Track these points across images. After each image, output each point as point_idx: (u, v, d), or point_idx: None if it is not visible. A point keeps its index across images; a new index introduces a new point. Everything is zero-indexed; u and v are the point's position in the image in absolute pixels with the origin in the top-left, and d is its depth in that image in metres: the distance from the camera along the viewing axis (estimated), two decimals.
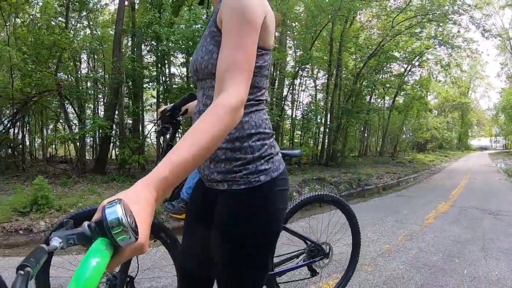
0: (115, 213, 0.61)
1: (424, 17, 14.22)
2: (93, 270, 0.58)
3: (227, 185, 1.09)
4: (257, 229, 1.08)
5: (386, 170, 13.37)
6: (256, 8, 0.97)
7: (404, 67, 18.68)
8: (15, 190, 6.43)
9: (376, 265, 3.37)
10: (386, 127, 19.61)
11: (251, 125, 1.08)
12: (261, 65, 1.08)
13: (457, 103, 32.00)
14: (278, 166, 1.11)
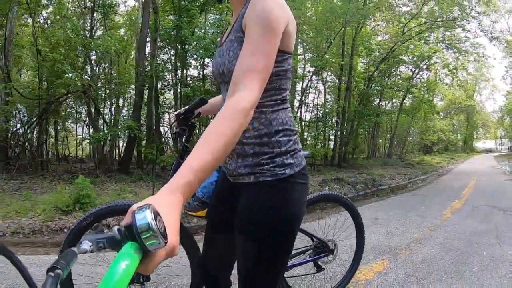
0: (145, 219, 0.64)
1: (434, 23, 15.09)
2: (122, 273, 0.61)
3: (254, 177, 1.20)
4: (282, 217, 1.19)
5: (396, 171, 14.15)
6: (280, 18, 1.07)
7: (412, 71, 19.57)
8: (50, 189, 6.88)
9: (411, 249, 4.17)
10: (395, 129, 20.44)
11: (279, 122, 1.20)
12: (286, 68, 1.20)
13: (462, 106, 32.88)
14: (300, 162, 1.24)
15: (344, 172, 12.35)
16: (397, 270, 3.47)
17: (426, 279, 3.26)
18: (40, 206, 5.60)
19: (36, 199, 6.07)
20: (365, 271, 3.45)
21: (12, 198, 6.14)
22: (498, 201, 7.81)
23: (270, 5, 1.06)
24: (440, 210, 6.59)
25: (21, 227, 4.99)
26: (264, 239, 1.19)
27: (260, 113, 1.19)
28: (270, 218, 1.18)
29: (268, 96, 1.18)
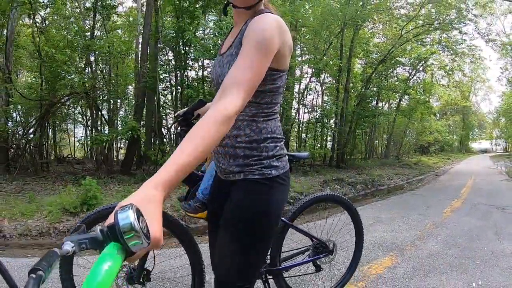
0: (128, 218, 0.64)
1: (431, 25, 15.45)
2: (105, 274, 0.62)
3: (243, 174, 1.36)
4: (266, 210, 1.35)
5: (394, 172, 14.42)
6: (274, 40, 1.17)
7: (409, 72, 19.94)
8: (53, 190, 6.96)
9: (416, 246, 4.41)
10: (392, 130, 20.78)
11: (268, 130, 1.36)
12: (279, 85, 1.34)
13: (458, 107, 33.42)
14: (285, 165, 1.41)
15: (343, 172, 12.60)
16: (404, 265, 3.71)
17: (433, 272, 3.50)
18: (46, 207, 5.64)
19: (40, 200, 6.14)
20: (375, 266, 3.69)
21: (15, 199, 6.20)
22: (496, 199, 8.11)
23: (267, 27, 1.17)
24: (440, 209, 6.86)
25: (28, 229, 5.02)
26: (247, 228, 1.34)
27: (252, 122, 1.33)
28: (255, 210, 1.34)
29: (261, 109, 1.33)
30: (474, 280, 3.30)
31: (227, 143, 1.38)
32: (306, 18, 12.99)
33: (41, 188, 7.39)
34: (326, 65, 12.75)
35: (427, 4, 15.47)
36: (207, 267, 3.06)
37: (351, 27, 13.83)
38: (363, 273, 3.50)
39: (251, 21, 1.23)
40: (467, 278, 3.34)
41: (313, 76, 14.37)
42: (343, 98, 14.98)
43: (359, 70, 17.90)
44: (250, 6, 1.31)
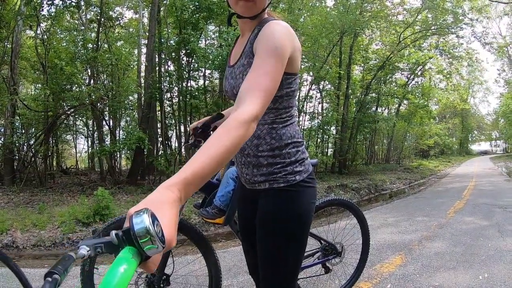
0: (143, 223, 0.65)
1: (428, 31, 15.83)
2: (120, 277, 0.62)
3: (269, 184, 1.40)
4: (296, 216, 1.38)
5: (396, 176, 14.68)
6: (286, 46, 1.21)
7: (408, 77, 20.30)
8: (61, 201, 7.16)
9: (423, 245, 4.63)
10: (392, 135, 21.05)
11: (288, 136, 1.39)
12: (295, 88, 1.37)
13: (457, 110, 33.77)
14: (307, 168, 1.44)
15: (346, 178, 12.85)
16: (414, 263, 3.93)
17: (441, 268, 3.73)
18: (57, 218, 5.85)
19: (51, 211, 6.32)
20: (387, 265, 3.91)
21: (25, 210, 6.35)
22: (498, 199, 8.36)
23: (278, 34, 1.21)
24: (444, 210, 7.10)
25: (42, 240, 5.21)
26: (283, 235, 1.39)
27: (271, 129, 1.37)
28: (286, 217, 1.38)
29: (279, 114, 1.37)
30: (480, 273, 3.52)
31: (249, 153, 1.43)
32: (305, 27, 13.28)
33: (49, 199, 7.56)
34: (327, 73, 13.04)
35: (424, 10, 15.84)
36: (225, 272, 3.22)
37: (349, 34, 14.14)
38: (376, 271, 3.71)
39: (262, 29, 1.26)
40: (473, 272, 3.56)
41: (313, 84, 14.64)
42: (344, 104, 15.25)
43: (359, 76, 18.25)
44: (255, 15, 1.34)
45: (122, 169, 13.64)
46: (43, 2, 9.64)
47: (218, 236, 5.51)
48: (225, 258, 4.24)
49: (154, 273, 2.17)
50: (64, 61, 9.12)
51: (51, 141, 10.75)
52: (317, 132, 15.15)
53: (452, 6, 15.78)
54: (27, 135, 10.39)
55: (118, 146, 9.34)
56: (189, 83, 11.28)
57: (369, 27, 15.43)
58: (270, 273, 1.45)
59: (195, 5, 10.35)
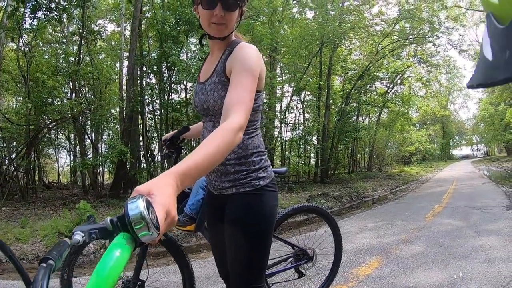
0: (137, 208, 0.65)
1: (406, 40, 16.21)
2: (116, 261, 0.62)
3: (235, 189, 1.53)
4: (261, 218, 1.53)
5: (378, 183, 14.84)
6: (257, 67, 1.38)
7: (387, 86, 20.67)
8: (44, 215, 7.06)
9: (401, 248, 4.72)
10: (373, 143, 21.33)
11: (253, 146, 1.54)
12: (259, 104, 1.54)
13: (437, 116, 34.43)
14: (270, 175, 1.58)
15: (328, 187, 12.93)
16: (390, 265, 4.00)
17: (417, 269, 3.81)
18: (40, 232, 5.73)
19: (33, 225, 6.20)
20: (363, 268, 3.97)
21: (7, 225, 6.25)
22: (476, 201, 8.56)
23: (252, 56, 1.38)
24: (423, 214, 7.22)
25: (25, 253, 5.10)
26: (248, 235, 1.51)
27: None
28: (251, 218, 1.51)
29: (246, 127, 1.38)
30: (455, 273, 3.61)
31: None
32: (285, 39, 13.46)
33: (32, 214, 7.47)
34: (307, 83, 13.20)
35: (401, 20, 16.23)
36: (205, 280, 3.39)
37: (329, 45, 14.37)
38: (352, 274, 3.77)
39: (235, 51, 1.42)
40: (449, 272, 3.65)
41: (294, 95, 14.80)
42: (324, 114, 15.42)
43: (339, 86, 18.53)
44: (224, 37, 1.49)
45: (105, 183, 13.50)
46: (26, 15, 9.62)
47: (200, 247, 5.50)
48: (206, 267, 4.26)
49: (129, 279, 2.23)
50: (46, 74, 9.09)
51: (33, 155, 10.62)
52: (299, 143, 15.26)
53: (428, 16, 16.23)
54: (9, 148, 10.26)
55: (100, 159, 9.27)
56: (170, 96, 11.30)
57: (348, 38, 15.73)
58: (239, 271, 1.56)
59: (176, 18, 10.43)
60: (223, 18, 1.43)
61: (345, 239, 3.18)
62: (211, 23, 1.44)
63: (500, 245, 4.50)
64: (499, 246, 4.46)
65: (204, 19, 1.45)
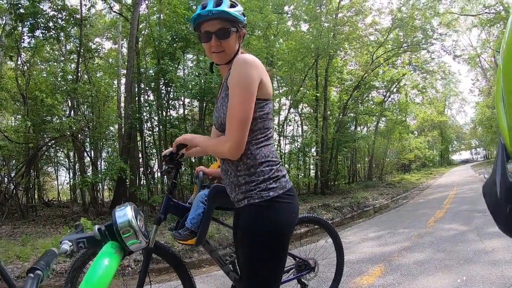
0: (125, 216, 0.64)
1: (400, 48, 16.36)
2: (105, 270, 0.62)
3: (247, 201, 1.54)
4: (269, 230, 1.50)
5: (378, 192, 14.78)
6: (253, 78, 1.47)
7: (384, 95, 20.78)
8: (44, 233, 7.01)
9: (403, 255, 4.70)
10: (372, 152, 21.33)
11: (261, 156, 1.55)
12: (267, 111, 1.57)
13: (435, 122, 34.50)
14: (284, 185, 1.56)
15: (328, 198, 12.90)
16: (393, 273, 3.98)
17: (420, 276, 3.79)
18: (41, 250, 5.71)
19: (34, 243, 6.17)
20: (366, 277, 3.94)
21: (8, 243, 6.23)
22: (478, 205, 8.50)
23: (243, 70, 1.48)
24: (424, 221, 7.20)
25: (25, 271, 5.12)
26: (256, 247, 1.52)
27: (247, 150, 1.53)
28: (259, 229, 1.50)
29: (255, 136, 1.55)
30: (459, 277, 3.60)
31: (231, 173, 1.60)
32: (281, 52, 13.57)
33: (32, 232, 7.45)
34: (304, 96, 13.27)
35: (394, 29, 16.40)
36: None
37: (324, 57, 14.49)
38: (355, 284, 3.74)
39: (232, 67, 1.55)
40: (452, 276, 3.63)
41: (292, 107, 14.86)
42: (322, 126, 15.46)
43: (336, 97, 18.62)
44: (228, 61, 1.63)
45: (105, 200, 13.48)
46: (24, 34, 9.72)
47: (201, 262, 5.46)
48: (208, 282, 4.24)
49: None
50: (45, 92, 9.15)
51: (32, 173, 10.65)
52: (298, 155, 15.26)
53: (421, 23, 16.40)
54: (8, 167, 10.27)
55: (100, 177, 9.27)
56: (168, 112, 11.35)
57: (343, 49, 15.85)
58: (248, 283, 1.56)
59: (172, 35, 10.53)
60: (220, 46, 1.58)
61: (347, 249, 3.20)
62: (212, 53, 1.62)
63: (503, 247, 4.48)
64: (502, 248, 4.44)
65: (206, 50, 1.65)
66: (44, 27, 8.96)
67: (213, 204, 2.47)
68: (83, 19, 9.75)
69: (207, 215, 2.43)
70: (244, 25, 1.65)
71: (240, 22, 1.62)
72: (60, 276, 5.05)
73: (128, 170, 9.39)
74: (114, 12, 13.81)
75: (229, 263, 2.63)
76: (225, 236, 6.05)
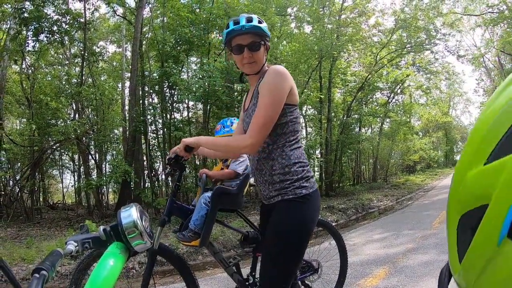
0: (130, 217, 0.65)
1: (404, 49, 16.32)
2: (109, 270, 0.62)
3: (281, 197, 1.71)
4: (300, 223, 1.69)
5: (383, 193, 14.71)
6: (284, 88, 1.67)
7: (388, 96, 20.72)
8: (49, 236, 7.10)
9: (408, 257, 4.70)
10: (377, 154, 21.24)
11: (295, 157, 1.73)
12: (296, 116, 1.76)
13: (440, 123, 34.28)
14: (313, 185, 1.76)
15: (333, 200, 12.85)
16: (398, 275, 3.98)
17: (425, 277, 3.79)
18: (45, 252, 5.72)
19: (39, 245, 6.21)
20: (370, 279, 3.94)
21: (13, 245, 6.27)
22: None
23: (276, 79, 1.67)
24: (429, 222, 7.19)
25: (30, 273, 5.14)
26: (283, 238, 1.69)
27: (282, 152, 1.72)
28: (292, 222, 1.68)
29: (287, 137, 1.74)
30: None
31: (265, 173, 1.76)
32: (284, 54, 13.58)
33: (37, 234, 7.50)
34: (308, 97, 13.26)
35: (397, 30, 16.36)
36: None
37: (328, 59, 14.47)
38: (359, 286, 3.75)
39: (264, 76, 1.73)
40: None
41: None
42: (326, 128, 15.44)
43: (340, 99, 18.58)
44: (257, 72, 1.81)
45: (109, 203, 13.53)
46: (28, 37, 9.80)
47: (206, 264, 5.47)
48: (212, 284, 4.26)
49: None
50: (49, 96, 9.20)
51: (37, 176, 10.71)
52: None
53: (424, 24, 16.35)
54: (13, 170, 10.33)
55: (104, 180, 9.30)
56: (172, 115, 11.38)
57: (346, 50, 15.83)
58: (268, 273, 1.73)
59: (176, 38, 10.57)
60: (252, 58, 1.76)
61: (352, 251, 3.21)
62: (244, 64, 1.78)
63: None
64: None
65: (238, 62, 1.82)
66: (48, 31, 9.03)
67: (216, 205, 2.50)
68: (87, 23, 9.80)
69: (210, 217, 2.46)
70: (269, 39, 1.82)
71: (267, 36, 1.79)
72: (64, 278, 5.09)
73: (132, 173, 9.40)
74: (117, 15, 13.90)
75: (232, 265, 2.63)
76: (229, 238, 6.06)
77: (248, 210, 10.02)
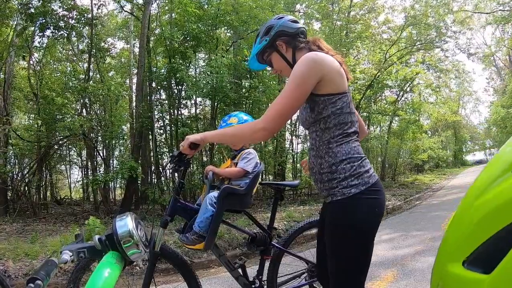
0: (126, 226, 0.65)
1: (413, 47, 16.11)
2: (105, 281, 0.61)
3: (330, 197, 1.59)
4: (351, 225, 1.53)
5: (391, 193, 14.58)
6: (304, 75, 1.52)
7: (397, 94, 20.51)
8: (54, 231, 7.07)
9: (417, 260, 4.59)
10: (385, 152, 21.07)
11: (342, 153, 1.56)
12: (341, 106, 1.59)
13: (449, 122, 33.96)
14: (367, 181, 1.55)
15: None
16: (406, 278, 3.87)
17: None
18: (49, 248, 5.71)
19: (43, 241, 6.21)
20: (378, 283, 3.85)
21: (18, 240, 6.24)
22: None
23: (298, 67, 1.55)
24: (439, 223, 7.05)
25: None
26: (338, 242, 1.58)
27: (328, 149, 1.59)
28: (341, 225, 1.55)
29: (332, 132, 1.59)
30: None
31: (316, 171, 1.66)
32: None
33: (42, 229, 7.48)
34: None
35: (407, 27, 16.15)
36: None
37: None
38: None
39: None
40: None
41: None
42: None
43: None
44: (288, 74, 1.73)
45: (116, 199, 13.54)
46: (35, 33, 9.78)
47: (210, 262, 5.41)
48: (216, 284, 4.18)
49: None
50: (55, 92, 9.19)
51: (44, 171, 10.75)
52: None
53: (434, 21, 16.13)
54: (21, 165, 10.39)
55: (111, 176, 9.30)
56: (180, 111, 11.34)
57: (355, 47, 15.67)
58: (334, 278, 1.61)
59: (183, 34, 10.51)
60: (276, 70, 1.83)
61: None
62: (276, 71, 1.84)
63: None
64: None
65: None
66: (55, 27, 9.01)
67: (223, 207, 2.39)
68: (94, 19, 9.77)
69: (216, 219, 2.35)
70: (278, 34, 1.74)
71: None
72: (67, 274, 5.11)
73: (139, 169, 9.39)
74: (125, 11, 13.86)
75: (238, 267, 2.56)
76: (235, 236, 5.99)
77: (255, 208, 9.95)
